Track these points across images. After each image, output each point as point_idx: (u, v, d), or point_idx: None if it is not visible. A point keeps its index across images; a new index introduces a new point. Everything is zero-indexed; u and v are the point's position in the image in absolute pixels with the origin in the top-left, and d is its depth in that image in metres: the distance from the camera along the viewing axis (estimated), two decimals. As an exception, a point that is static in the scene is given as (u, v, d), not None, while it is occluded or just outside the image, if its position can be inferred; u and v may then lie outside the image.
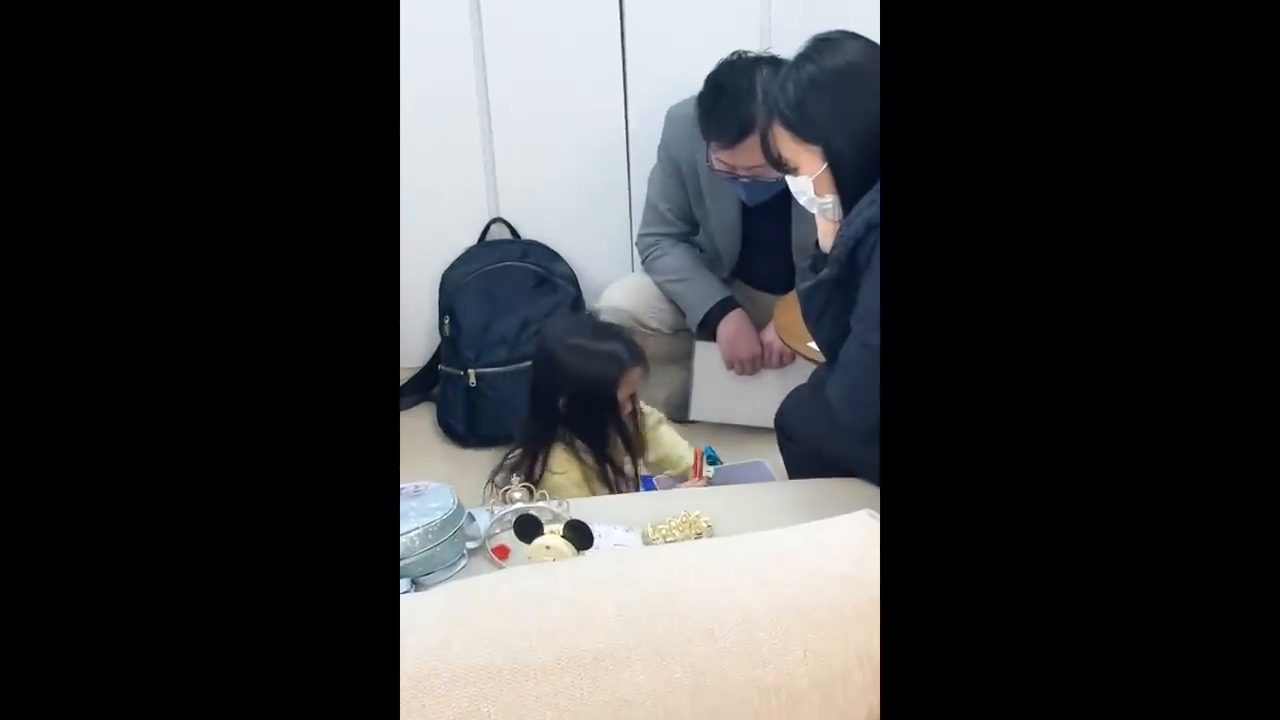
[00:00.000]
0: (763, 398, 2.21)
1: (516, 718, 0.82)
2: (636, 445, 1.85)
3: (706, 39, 2.25)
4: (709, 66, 2.17)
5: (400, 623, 0.84)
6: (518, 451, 1.85)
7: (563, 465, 1.82)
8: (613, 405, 1.80)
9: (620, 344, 1.81)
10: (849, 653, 0.87)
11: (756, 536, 0.99)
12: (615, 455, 1.83)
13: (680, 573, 0.93)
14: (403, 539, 1.43)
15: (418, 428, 2.47)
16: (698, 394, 2.47)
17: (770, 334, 2.32)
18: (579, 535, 1.43)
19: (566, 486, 1.79)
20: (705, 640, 0.86)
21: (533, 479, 1.79)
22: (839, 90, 1.44)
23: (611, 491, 1.82)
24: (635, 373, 1.81)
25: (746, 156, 2.08)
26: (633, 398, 1.85)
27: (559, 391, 1.79)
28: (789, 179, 1.54)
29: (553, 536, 1.44)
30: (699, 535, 1.54)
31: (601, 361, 1.79)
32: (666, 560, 0.97)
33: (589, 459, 1.82)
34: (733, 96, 2.08)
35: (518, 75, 2.53)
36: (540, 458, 1.81)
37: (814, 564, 0.93)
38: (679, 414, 2.54)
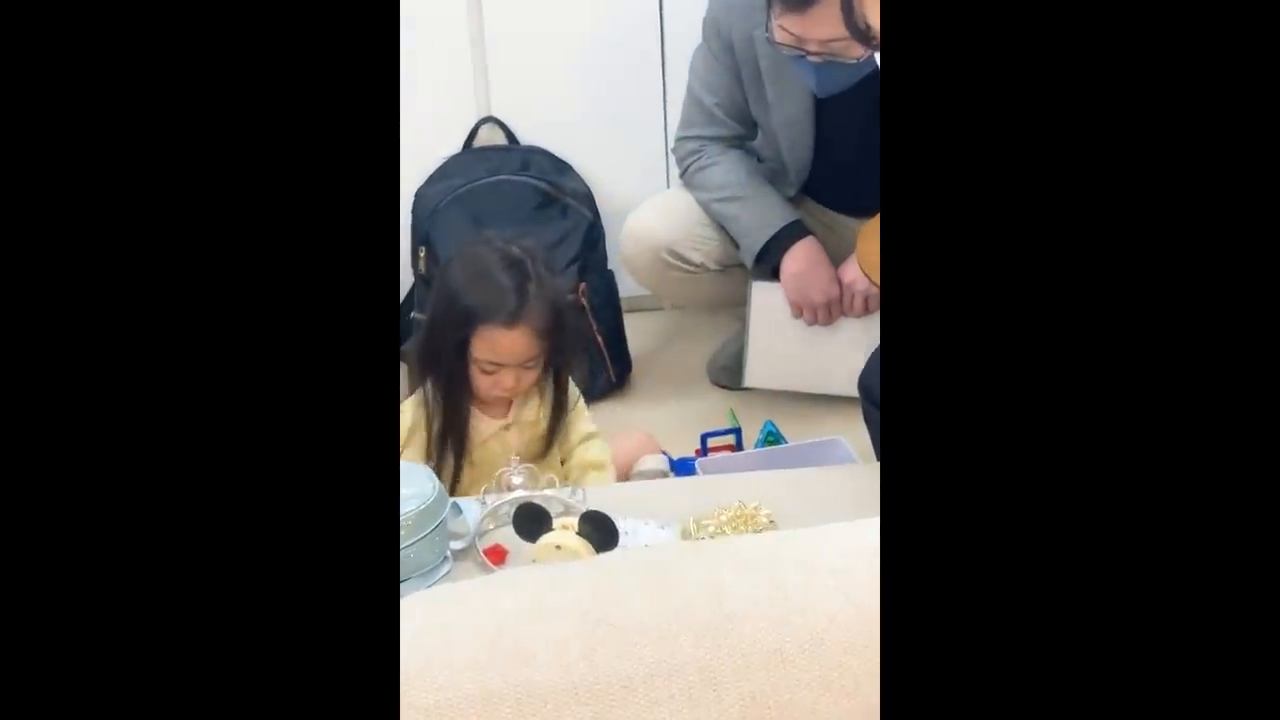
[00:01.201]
0: (841, 355, 2.24)
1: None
2: (460, 431, 1.90)
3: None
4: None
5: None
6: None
7: (409, 413, 1.90)
8: (458, 352, 1.84)
9: (514, 296, 1.81)
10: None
11: (836, 529, 0.99)
12: (456, 412, 1.89)
13: (734, 574, 0.94)
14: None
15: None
16: (754, 351, 2.48)
17: (851, 270, 2.33)
18: (599, 532, 1.45)
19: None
20: (770, 662, 0.87)
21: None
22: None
23: (430, 458, 1.85)
24: (498, 336, 1.82)
25: (821, 25, 2.07)
26: (520, 377, 1.87)
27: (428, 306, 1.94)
28: (879, 58, 1.53)
29: (564, 533, 1.46)
30: (758, 533, 1.54)
31: (464, 296, 1.83)
32: (716, 558, 0.98)
33: (434, 406, 1.89)
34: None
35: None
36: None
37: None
38: (729, 378, 2.57)
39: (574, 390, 1.98)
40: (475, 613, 0.95)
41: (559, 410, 1.95)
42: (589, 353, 2.41)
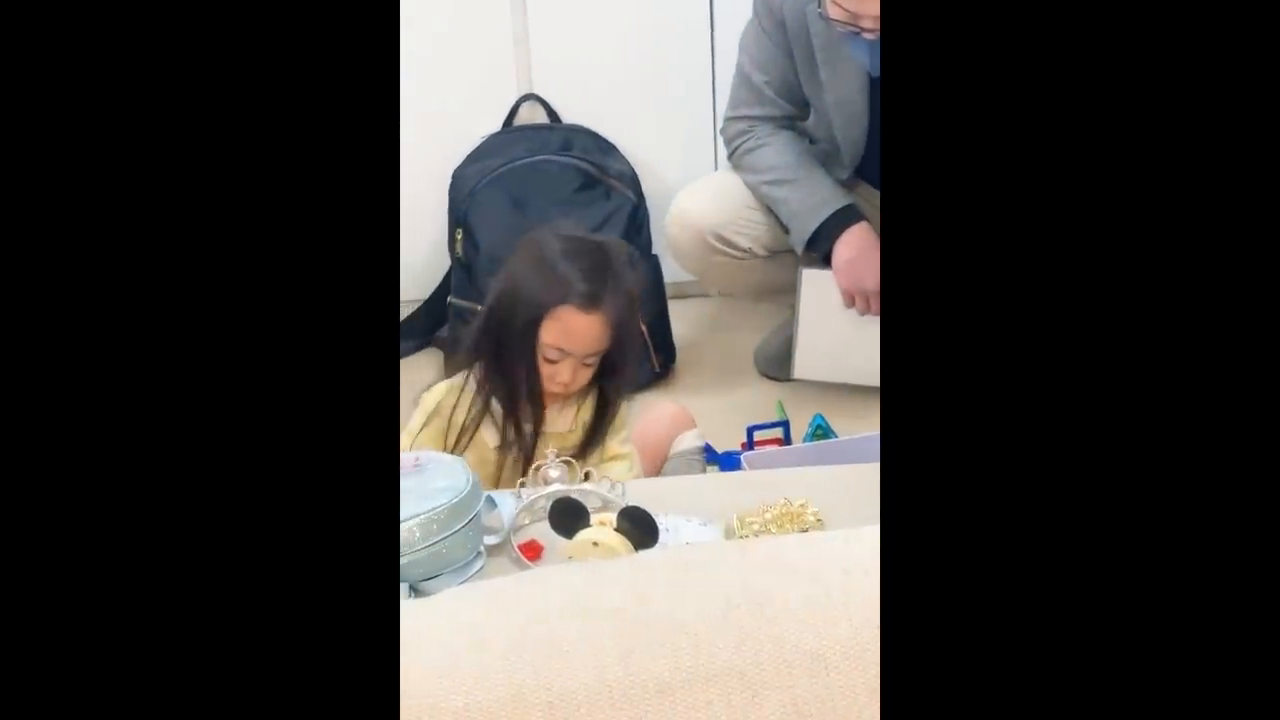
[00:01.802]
0: None
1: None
2: (538, 406, 1.91)
3: None
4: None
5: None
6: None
7: (436, 395, 1.93)
8: (524, 335, 1.85)
9: (583, 281, 1.83)
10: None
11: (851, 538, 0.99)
12: (518, 405, 1.90)
13: (777, 576, 0.94)
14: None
15: (420, 381, 2.51)
16: (804, 341, 2.49)
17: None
18: (638, 528, 1.45)
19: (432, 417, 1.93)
20: (812, 668, 0.86)
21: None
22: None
23: (446, 446, 1.87)
24: (578, 327, 1.84)
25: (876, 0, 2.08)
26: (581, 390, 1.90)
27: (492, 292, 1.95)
28: None
29: (602, 529, 1.46)
30: (804, 532, 1.55)
31: (540, 277, 1.86)
32: (759, 558, 0.98)
33: (478, 391, 1.91)
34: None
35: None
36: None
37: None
38: (778, 369, 2.59)
39: (623, 409, 2.00)
40: (508, 611, 0.96)
41: (599, 426, 1.96)
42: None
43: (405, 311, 2.77)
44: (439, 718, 0.85)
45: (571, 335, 1.83)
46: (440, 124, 2.67)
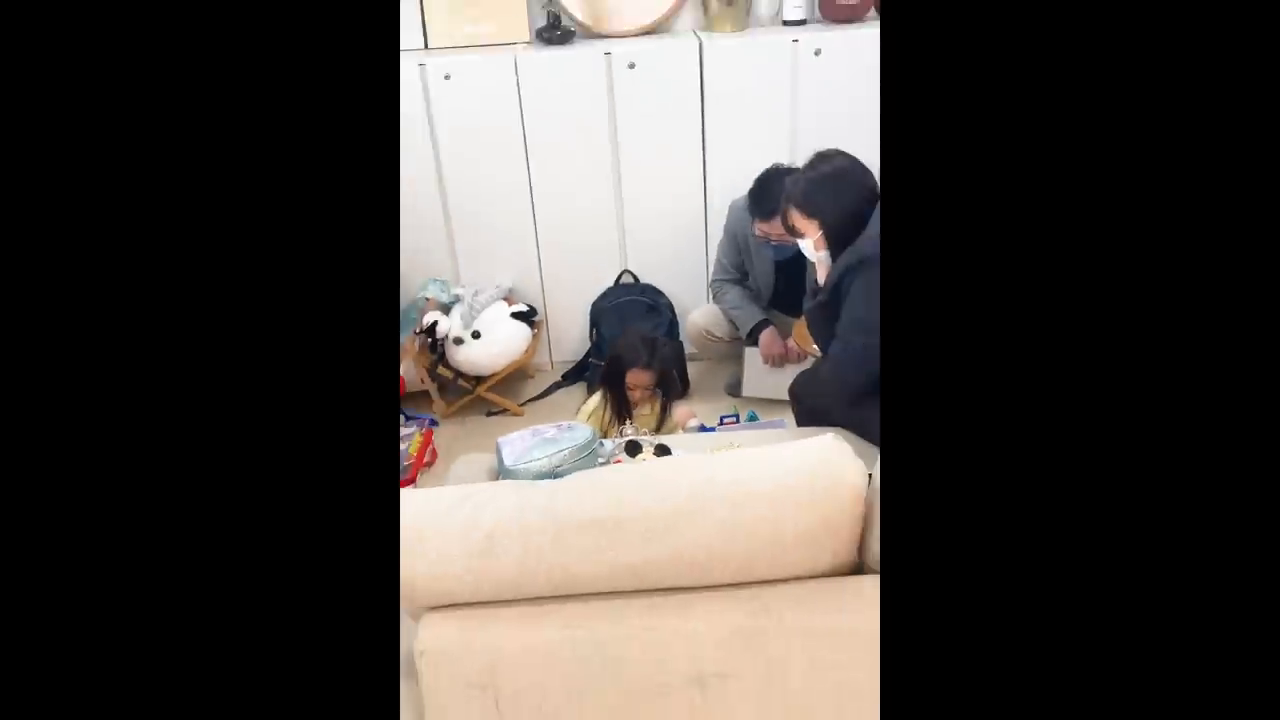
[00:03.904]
0: (787, 380, 2.31)
1: (625, 551, 0.81)
2: (624, 414, 1.99)
3: (754, 155, 2.48)
4: (756, 173, 2.39)
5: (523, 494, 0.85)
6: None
7: (592, 404, 2.01)
8: (618, 379, 1.98)
9: (643, 354, 1.97)
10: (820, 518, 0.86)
11: (778, 449, 1.00)
12: (622, 410, 1.99)
13: (713, 466, 1.00)
14: (556, 456, 1.54)
15: (574, 400, 2.72)
16: (747, 378, 2.63)
17: (792, 341, 2.50)
18: (664, 454, 1.60)
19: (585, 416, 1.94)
20: (729, 507, 0.90)
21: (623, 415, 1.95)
22: (830, 186, 1.64)
23: (602, 431, 1.94)
24: (641, 376, 1.96)
25: (776, 228, 2.26)
26: (652, 400, 2.00)
27: (606, 358, 2.04)
28: (800, 242, 1.72)
29: (649, 452, 1.61)
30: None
31: (629, 353, 2.04)
32: (705, 459, 1.05)
33: (605, 403, 1.99)
34: (769, 191, 2.28)
35: (640, 186, 2.73)
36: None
37: (791, 455, 0.96)
38: (735, 391, 2.70)
39: (677, 408, 2.12)
40: (594, 475, 1.00)
41: (664, 414, 2.10)
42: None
43: (568, 365, 2.89)
44: (550, 527, 0.86)
45: (638, 380, 1.97)
46: (585, 281, 2.82)
